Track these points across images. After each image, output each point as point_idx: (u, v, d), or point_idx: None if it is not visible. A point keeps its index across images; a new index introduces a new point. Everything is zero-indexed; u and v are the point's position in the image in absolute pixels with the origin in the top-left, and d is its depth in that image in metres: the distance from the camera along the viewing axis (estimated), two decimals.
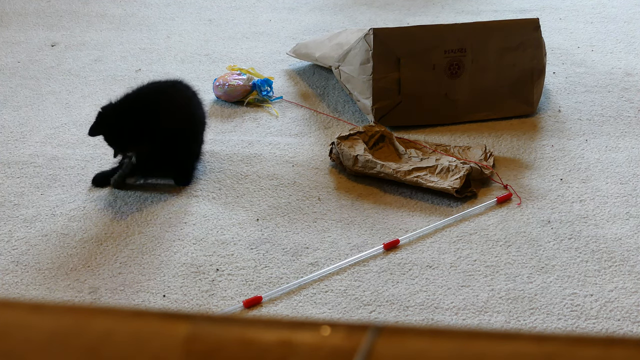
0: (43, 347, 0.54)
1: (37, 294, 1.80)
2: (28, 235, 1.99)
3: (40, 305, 0.57)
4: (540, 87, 2.49)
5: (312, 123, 2.48)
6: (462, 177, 2.06)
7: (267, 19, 3.29)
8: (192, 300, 1.77)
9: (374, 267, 1.85)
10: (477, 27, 2.44)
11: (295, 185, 2.16)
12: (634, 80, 2.69)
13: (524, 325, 1.68)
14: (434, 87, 2.42)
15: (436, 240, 1.93)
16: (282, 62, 2.87)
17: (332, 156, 2.21)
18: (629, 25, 3.14)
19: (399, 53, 2.37)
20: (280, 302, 1.76)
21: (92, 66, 2.90)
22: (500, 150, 2.29)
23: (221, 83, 2.59)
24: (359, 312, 1.72)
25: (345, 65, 2.48)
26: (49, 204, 2.11)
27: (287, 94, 2.64)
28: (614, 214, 2.01)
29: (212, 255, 1.90)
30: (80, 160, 2.30)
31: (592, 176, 2.16)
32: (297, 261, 1.87)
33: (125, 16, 3.34)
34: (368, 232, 1.96)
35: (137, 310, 0.55)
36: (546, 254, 1.87)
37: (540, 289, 1.76)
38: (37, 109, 2.60)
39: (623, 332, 1.67)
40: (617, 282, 1.78)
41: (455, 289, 1.77)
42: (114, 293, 1.80)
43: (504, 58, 2.44)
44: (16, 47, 3.06)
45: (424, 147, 2.28)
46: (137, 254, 1.91)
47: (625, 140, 2.33)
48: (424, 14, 3.29)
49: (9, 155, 2.34)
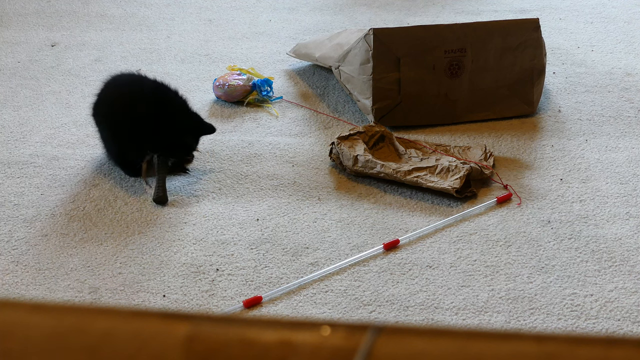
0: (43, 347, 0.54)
1: (37, 294, 1.80)
2: (28, 235, 1.99)
3: (40, 305, 0.57)
4: (540, 87, 2.49)
5: (312, 123, 2.48)
6: (462, 177, 2.06)
7: (267, 19, 3.29)
8: (192, 300, 1.77)
9: (374, 267, 1.85)
10: (477, 27, 2.44)
11: (295, 185, 2.16)
12: (634, 80, 2.69)
13: (524, 325, 1.68)
14: (434, 87, 2.42)
15: (436, 240, 1.93)
16: (282, 62, 2.87)
17: (332, 156, 2.21)
18: (629, 25, 3.14)
19: (399, 53, 2.37)
20: (280, 302, 1.76)
21: (92, 66, 2.90)
22: (500, 150, 2.29)
23: (221, 83, 2.59)
24: (359, 312, 1.72)
25: (345, 65, 2.48)
26: (49, 204, 2.11)
27: (287, 94, 2.64)
28: (614, 214, 2.01)
29: (212, 255, 1.90)
30: (80, 160, 2.30)
31: (592, 176, 2.17)
32: (297, 261, 1.87)
33: (125, 16, 3.34)
34: (368, 232, 1.96)
35: (137, 310, 0.55)
36: (546, 254, 1.87)
37: (540, 289, 1.77)
38: (37, 109, 2.60)
39: (623, 332, 1.67)
40: (617, 282, 1.78)
41: (455, 289, 1.77)
42: (114, 293, 1.80)
43: (504, 58, 2.44)
44: (16, 47, 3.06)
45: (424, 147, 2.28)
46: (137, 254, 1.91)
47: (625, 140, 2.33)
48: (424, 14, 3.29)
49: (9, 155, 2.34)
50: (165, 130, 2.12)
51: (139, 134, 2.14)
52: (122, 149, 2.20)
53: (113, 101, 2.23)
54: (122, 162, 2.23)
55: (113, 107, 2.22)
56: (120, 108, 2.20)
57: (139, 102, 2.16)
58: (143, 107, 2.14)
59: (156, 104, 2.15)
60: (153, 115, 2.13)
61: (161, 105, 2.15)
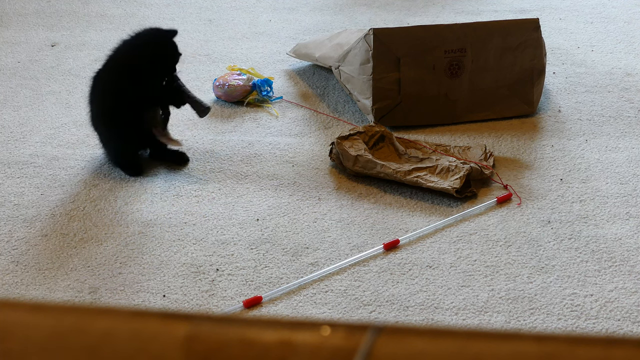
0: (43, 346, 0.54)
1: (37, 294, 1.80)
2: (28, 235, 1.99)
3: (40, 305, 0.57)
4: (540, 87, 2.49)
5: (312, 123, 2.48)
6: (462, 177, 2.06)
7: (267, 19, 3.29)
8: (192, 300, 1.77)
9: (374, 267, 1.85)
10: (477, 27, 2.44)
11: (295, 185, 2.16)
12: (634, 80, 2.69)
13: (524, 325, 1.68)
14: (434, 87, 2.42)
15: (436, 240, 1.93)
16: (282, 62, 2.87)
17: (332, 156, 2.21)
18: (629, 25, 3.14)
19: (399, 53, 2.37)
20: (280, 302, 1.76)
21: (92, 66, 2.89)
22: (500, 150, 2.29)
23: (221, 83, 2.59)
24: (359, 312, 1.72)
25: (345, 65, 2.48)
26: (49, 204, 2.11)
27: (287, 94, 2.64)
28: (614, 214, 2.01)
29: (212, 255, 1.90)
30: (80, 160, 2.30)
31: (592, 176, 2.16)
32: (297, 261, 1.87)
33: (125, 16, 3.34)
34: (368, 232, 1.96)
35: (137, 310, 0.55)
36: (546, 254, 1.87)
37: (540, 289, 1.77)
38: (37, 109, 2.60)
39: (623, 332, 1.67)
40: (617, 282, 1.78)
41: (455, 289, 1.77)
42: (114, 293, 1.80)
43: (504, 58, 2.44)
44: (16, 47, 3.06)
45: (424, 147, 2.28)
46: (137, 254, 1.91)
47: (625, 140, 2.33)
48: (424, 14, 3.29)
49: (9, 155, 2.34)
50: (143, 56, 2.17)
51: (130, 87, 2.17)
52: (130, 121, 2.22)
53: (97, 91, 2.26)
54: (122, 162, 2.23)
55: (99, 93, 2.26)
56: (101, 88, 2.25)
57: (110, 71, 2.22)
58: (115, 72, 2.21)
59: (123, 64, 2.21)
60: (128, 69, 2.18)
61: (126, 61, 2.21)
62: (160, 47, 2.18)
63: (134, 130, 2.21)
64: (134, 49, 2.18)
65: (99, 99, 2.24)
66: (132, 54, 2.18)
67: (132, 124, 2.20)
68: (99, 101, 2.24)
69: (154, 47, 2.18)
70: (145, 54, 2.16)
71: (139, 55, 2.17)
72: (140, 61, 2.16)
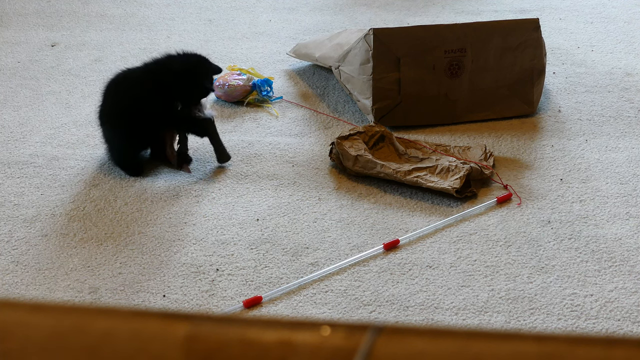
0: (43, 346, 0.54)
1: (37, 294, 1.80)
2: (28, 235, 1.99)
3: (40, 305, 0.57)
4: (540, 87, 2.49)
5: (312, 123, 2.48)
6: (462, 177, 2.06)
7: (267, 19, 3.29)
8: (192, 300, 1.77)
9: (374, 267, 1.85)
10: (477, 27, 2.44)
11: (295, 185, 2.16)
12: (634, 80, 2.69)
13: (524, 325, 1.68)
14: (434, 87, 2.42)
15: (436, 240, 1.93)
16: (282, 62, 2.87)
17: (332, 156, 2.21)
18: (629, 25, 3.14)
19: (399, 53, 2.37)
20: (280, 302, 1.76)
21: (92, 66, 2.90)
22: (500, 150, 2.29)
23: (221, 83, 2.59)
24: (359, 312, 1.72)
25: (345, 65, 2.48)
26: (49, 204, 2.11)
27: (287, 94, 2.64)
28: (614, 214, 2.01)
29: (212, 255, 1.90)
30: (80, 160, 2.30)
31: (592, 176, 2.16)
32: (297, 261, 1.87)
33: (125, 16, 3.34)
34: (368, 232, 1.96)
35: (137, 310, 0.55)
36: (546, 254, 1.87)
37: (540, 289, 1.77)
38: (37, 109, 2.60)
39: (623, 332, 1.67)
40: (617, 282, 1.78)
41: (455, 289, 1.77)
42: (114, 293, 1.80)
43: (504, 58, 2.44)
44: (16, 47, 3.06)
45: (424, 147, 2.28)
46: (137, 254, 1.91)
47: (625, 140, 2.33)
48: (424, 14, 3.29)
49: (9, 155, 2.34)
50: (181, 79, 2.18)
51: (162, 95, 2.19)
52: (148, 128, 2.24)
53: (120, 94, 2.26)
54: (123, 162, 2.23)
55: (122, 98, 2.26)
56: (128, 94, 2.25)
57: (142, 78, 2.23)
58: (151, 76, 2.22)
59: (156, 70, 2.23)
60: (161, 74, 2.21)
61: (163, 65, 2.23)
62: (199, 77, 2.20)
63: (138, 133, 2.22)
64: (175, 69, 2.19)
65: (118, 96, 2.23)
66: (171, 72, 2.19)
67: (138, 127, 2.20)
68: (117, 98, 2.23)
69: (194, 75, 2.19)
70: (183, 78, 2.18)
71: (177, 76, 2.18)
72: (175, 81, 2.17)
